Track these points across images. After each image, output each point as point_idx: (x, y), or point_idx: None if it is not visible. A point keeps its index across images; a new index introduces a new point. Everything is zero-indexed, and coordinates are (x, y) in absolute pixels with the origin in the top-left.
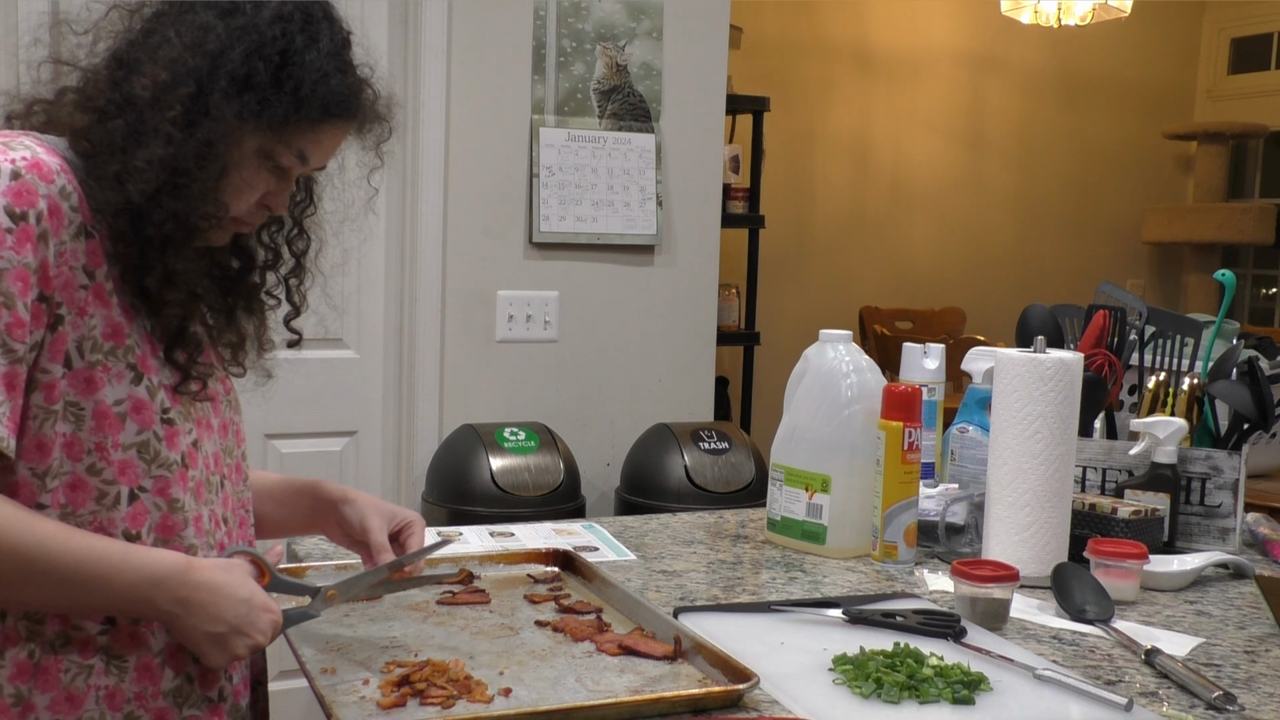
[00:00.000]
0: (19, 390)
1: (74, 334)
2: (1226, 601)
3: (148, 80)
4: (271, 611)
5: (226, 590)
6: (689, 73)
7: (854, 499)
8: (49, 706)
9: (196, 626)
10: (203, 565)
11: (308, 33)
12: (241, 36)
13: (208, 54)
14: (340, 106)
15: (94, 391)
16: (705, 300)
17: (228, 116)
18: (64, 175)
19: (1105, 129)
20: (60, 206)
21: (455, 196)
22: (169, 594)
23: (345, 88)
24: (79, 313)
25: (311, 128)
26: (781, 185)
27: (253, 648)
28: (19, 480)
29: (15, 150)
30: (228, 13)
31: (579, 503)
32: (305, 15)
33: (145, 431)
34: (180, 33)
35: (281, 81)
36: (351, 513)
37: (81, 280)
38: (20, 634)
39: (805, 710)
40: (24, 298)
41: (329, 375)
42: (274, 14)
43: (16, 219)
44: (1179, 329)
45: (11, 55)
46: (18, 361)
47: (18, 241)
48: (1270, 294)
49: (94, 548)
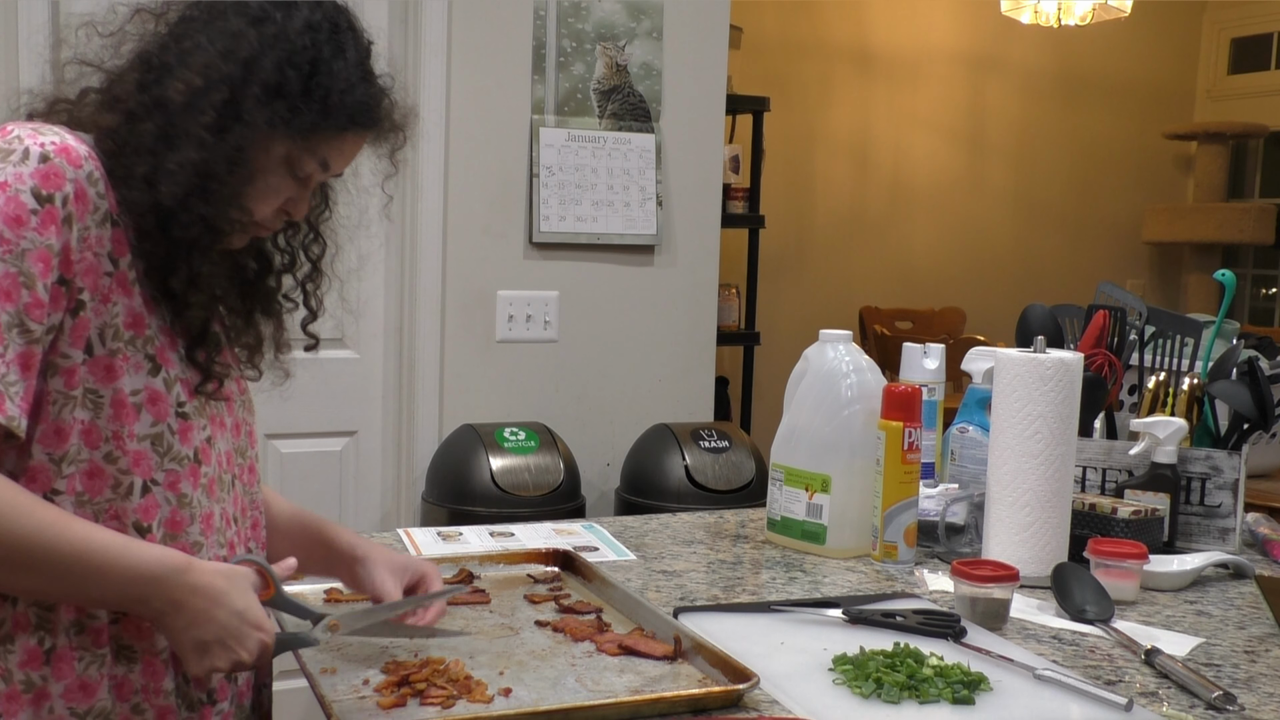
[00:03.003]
0: (34, 371)
1: (96, 320)
2: (1226, 601)
3: (181, 85)
4: (263, 631)
5: (222, 598)
6: (689, 73)
7: (854, 499)
8: (63, 694)
9: (184, 630)
10: (203, 568)
11: (335, 42)
12: (273, 44)
13: (241, 61)
14: (364, 116)
15: (113, 379)
16: (705, 300)
17: (259, 123)
18: (91, 161)
19: (1105, 129)
20: (87, 191)
21: (455, 196)
22: (163, 593)
23: (369, 97)
24: (102, 299)
25: (335, 136)
26: (781, 185)
27: (234, 663)
28: (34, 465)
29: (45, 135)
30: (258, 20)
31: (579, 503)
32: (333, 25)
33: (160, 424)
34: (212, 39)
35: (311, 90)
36: (364, 574)
37: (106, 267)
38: (31, 621)
39: (805, 710)
40: (44, 279)
41: (329, 375)
42: (304, 23)
43: (43, 201)
44: (1179, 329)
45: (33, 55)
46: (34, 342)
47: (42, 223)
48: (1270, 294)
49: (93, 539)
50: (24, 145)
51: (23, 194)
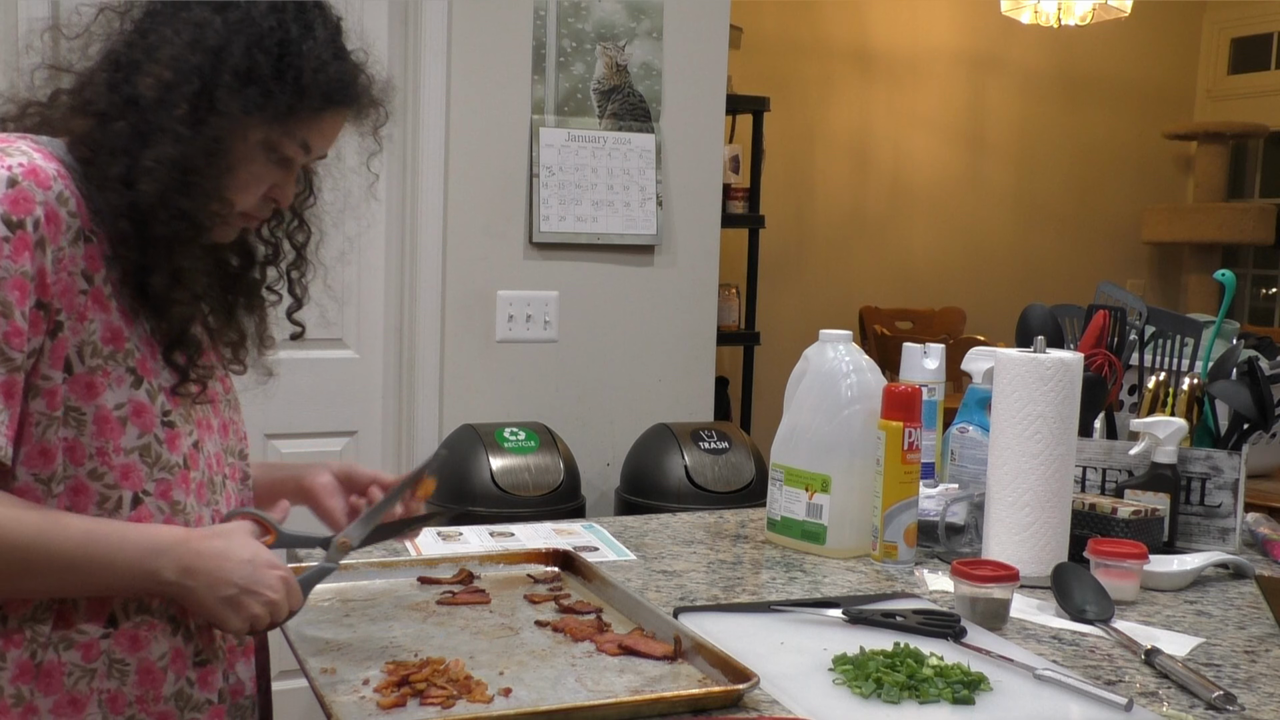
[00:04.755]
0: (17, 399)
1: (74, 339)
2: (1226, 601)
3: (150, 80)
4: (278, 568)
5: (228, 553)
6: (689, 73)
7: (854, 499)
8: (51, 709)
9: (206, 592)
10: (199, 533)
11: (302, 21)
12: (239, 30)
13: (208, 50)
14: (340, 93)
15: (94, 396)
16: (705, 300)
17: (234, 111)
18: (61, 180)
19: (1105, 129)
20: (58, 212)
21: (455, 196)
22: (173, 563)
23: (343, 74)
24: (79, 318)
25: (313, 116)
26: (781, 185)
27: (268, 604)
28: (20, 486)
29: (11, 156)
30: (222, 7)
31: (579, 503)
32: (299, 4)
33: (146, 435)
34: (178, 30)
35: (283, 72)
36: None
37: (81, 285)
38: (25, 636)
39: (805, 710)
40: (21, 306)
41: (329, 375)
42: (268, 5)
43: (14, 227)
44: (1179, 329)
45: (7, 59)
46: (16, 370)
47: (15, 250)
48: (1270, 294)
49: (91, 531)
50: None
51: None
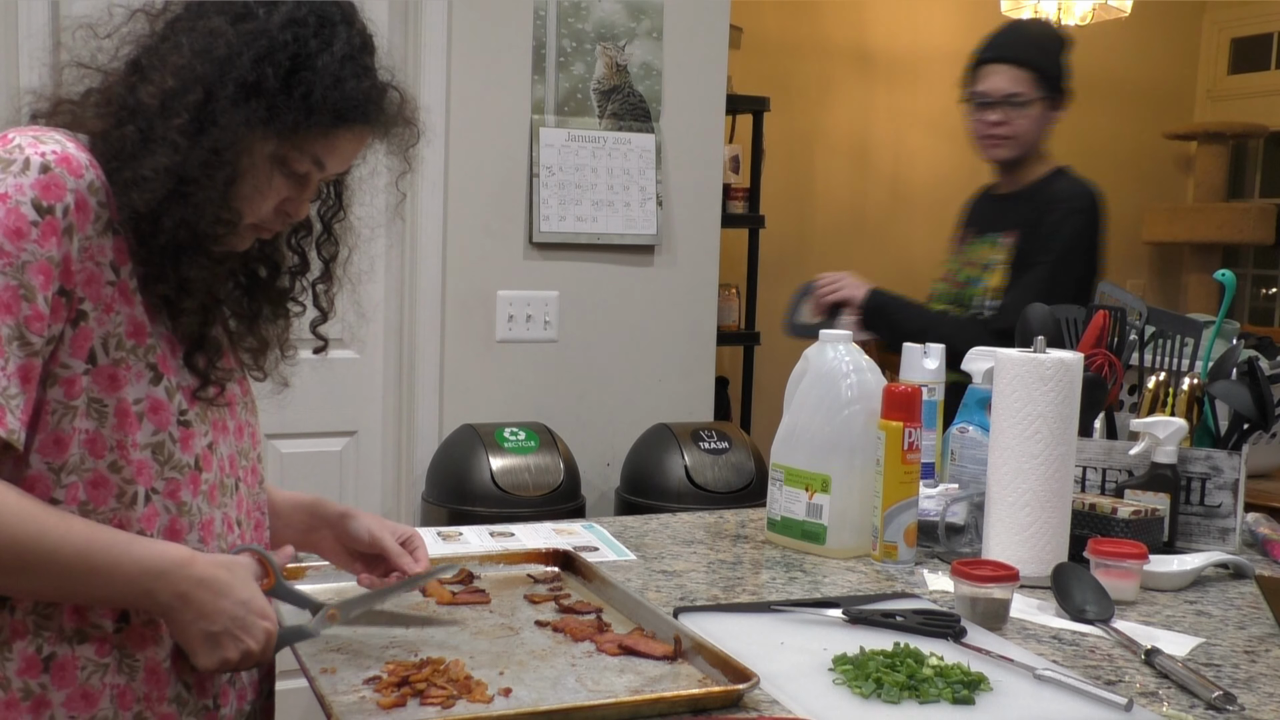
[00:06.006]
0: (34, 383)
1: (99, 330)
2: (1226, 601)
3: (155, 88)
4: (268, 619)
5: (227, 589)
6: (689, 73)
7: (854, 499)
8: (65, 703)
9: (192, 622)
10: (205, 560)
11: (321, 37)
12: (251, 41)
13: (216, 60)
14: (356, 112)
15: (117, 389)
16: (705, 300)
17: (235, 124)
18: (93, 170)
19: (1105, 129)
20: (88, 201)
21: (455, 196)
22: (169, 587)
23: (361, 92)
24: (105, 309)
25: (325, 133)
26: (781, 185)
27: (244, 653)
28: (33, 474)
29: (45, 144)
30: (240, 17)
31: (579, 503)
32: (320, 19)
33: (161, 432)
34: (192, 39)
35: (291, 87)
36: (357, 526)
37: (108, 276)
38: (29, 627)
39: (805, 710)
40: (45, 291)
41: (329, 375)
42: (287, 18)
43: (43, 212)
44: (1179, 329)
45: (30, 56)
46: (34, 355)
47: (42, 235)
48: (1270, 294)
49: (95, 538)
50: (24, 155)
51: (23, 205)
